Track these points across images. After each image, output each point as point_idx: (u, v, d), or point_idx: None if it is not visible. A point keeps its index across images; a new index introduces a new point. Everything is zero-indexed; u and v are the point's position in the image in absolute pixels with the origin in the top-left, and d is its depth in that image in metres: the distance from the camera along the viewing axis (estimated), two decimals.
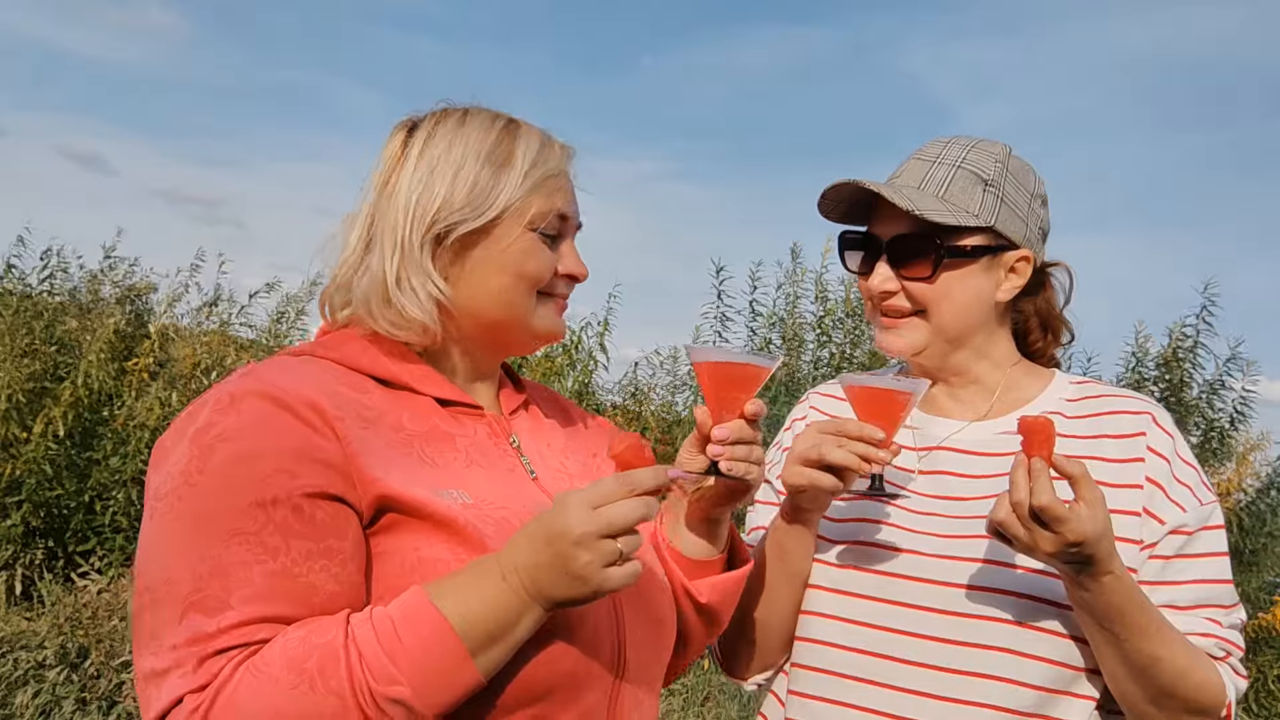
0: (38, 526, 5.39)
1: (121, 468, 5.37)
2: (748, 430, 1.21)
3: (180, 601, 0.96)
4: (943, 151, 1.41)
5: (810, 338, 6.03)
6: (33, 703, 3.82)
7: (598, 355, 5.98)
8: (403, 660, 0.93)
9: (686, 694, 4.93)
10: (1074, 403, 1.42)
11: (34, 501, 5.31)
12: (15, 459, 5.29)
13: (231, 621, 0.95)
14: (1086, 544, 1.12)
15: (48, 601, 4.81)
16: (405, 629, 0.95)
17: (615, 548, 0.98)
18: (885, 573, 1.34)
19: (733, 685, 5.04)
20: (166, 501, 1.00)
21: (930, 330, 1.38)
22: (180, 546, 0.98)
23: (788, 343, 5.96)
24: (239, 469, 1.00)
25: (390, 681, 0.92)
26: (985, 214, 1.35)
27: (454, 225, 1.16)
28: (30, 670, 3.98)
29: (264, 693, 0.92)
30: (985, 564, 1.30)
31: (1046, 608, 1.27)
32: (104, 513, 5.37)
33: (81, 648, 4.14)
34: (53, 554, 5.39)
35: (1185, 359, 5.53)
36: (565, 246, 1.25)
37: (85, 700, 3.93)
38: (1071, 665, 1.27)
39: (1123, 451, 1.34)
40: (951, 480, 1.39)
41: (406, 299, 1.15)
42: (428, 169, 1.17)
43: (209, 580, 0.96)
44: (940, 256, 1.34)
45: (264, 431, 1.02)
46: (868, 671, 1.32)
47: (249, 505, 0.98)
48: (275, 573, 0.97)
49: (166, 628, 0.96)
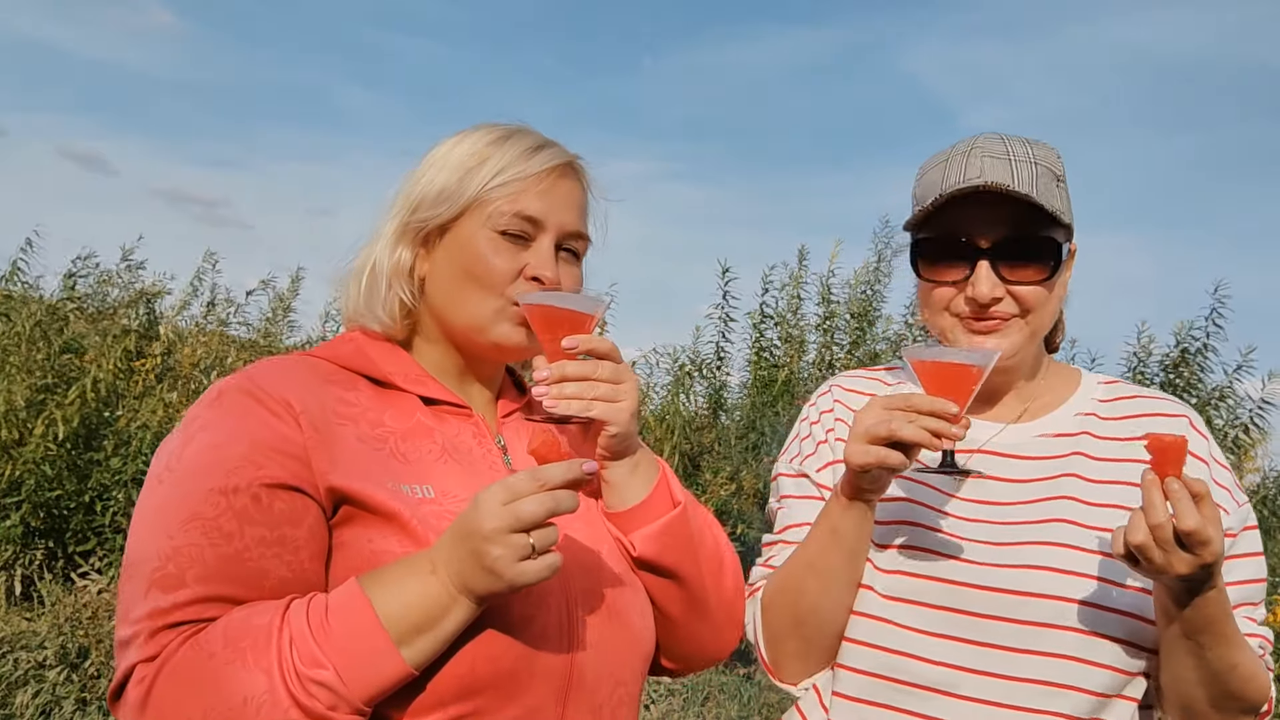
0: (38, 527, 5.38)
1: (122, 468, 5.37)
2: (573, 366, 1.18)
3: (146, 578, 1.02)
4: (1009, 148, 1.34)
5: (812, 339, 6.04)
6: (33, 703, 3.82)
7: None
8: (328, 645, 0.98)
9: (687, 694, 4.93)
10: (1107, 403, 1.41)
11: (34, 502, 5.31)
12: (15, 460, 5.29)
13: (185, 598, 1.00)
14: (1217, 563, 1.11)
15: (48, 602, 4.80)
16: (335, 616, 0.99)
17: (526, 542, 1.00)
18: (940, 579, 1.30)
19: (733, 685, 5.04)
20: (150, 484, 1.09)
21: (1029, 332, 1.34)
22: (152, 526, 1.05)
23: (789, 344, 5.96)
24: (210, 456, 1.07)
25: (315, 664, 0.97)
26: (1066, 211, 1.34)
27: (425, 221, 1.23)
28: (30, 670, 3.97)
29: (201, 665, 0.97)
30: (1050, 572, 1.27)
31: (1110, 615, 1.25)
32: (104, 513, 5.36)
33: (81, 648, 4.14)
34: (53, 554, 5.39)
35: (1193, 361, 5.52)
36: (535, 251, 1.22)
37: (85, 700, 3.93)
38: (1127, 670, 1.26)
39: None
40: (992, 484, 1.36)
41: (374, 290, 1.24)
42: (419, 170, 1.26)
43: (168, 559, 1.02)
44: (1060, 258, 1.32)
45: (237, 423, 1.09)
46: (922, 677, 1.28)
47: (211, 491, 1.04)
48: (228, 556, 1.03)
49: (134, 601, 1.02)
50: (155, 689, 0.98)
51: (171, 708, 0.97)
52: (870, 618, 1.33)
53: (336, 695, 0.97)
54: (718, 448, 5.66)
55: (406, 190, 1.25)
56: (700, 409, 6.04)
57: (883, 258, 6.09)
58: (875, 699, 1.31)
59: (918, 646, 1.29)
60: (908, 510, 1.36)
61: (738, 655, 5.49)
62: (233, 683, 0.96)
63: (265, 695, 0.95)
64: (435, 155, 1.26)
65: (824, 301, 5.97)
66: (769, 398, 5.74)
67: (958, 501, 1.35)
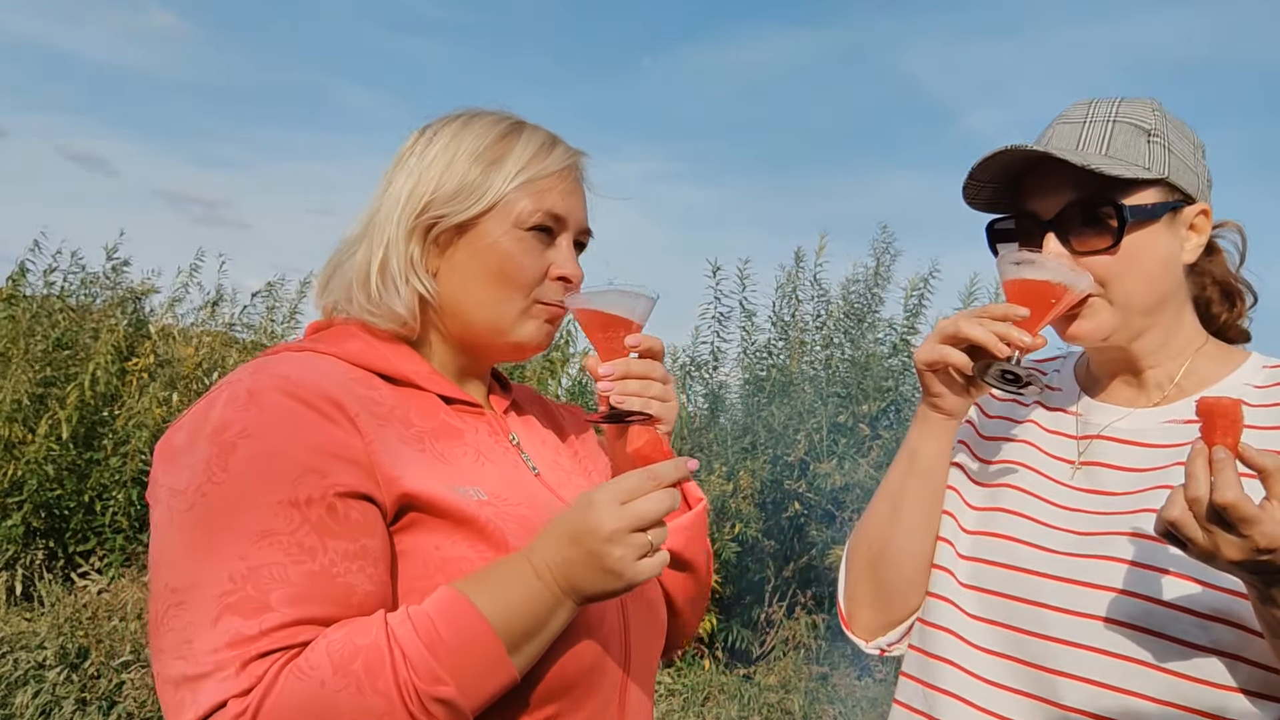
0: (38, 527, 5.39)
1: (121, 468, 5.37)
2: (635, 365, 1.21)
3: (213, 604, 0.93)
4: (1090, 111, 1.25)
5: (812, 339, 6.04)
6: (33, 703, 3.82)
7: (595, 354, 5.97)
8: (445, 659, 0.93)
9: (687, 694, 4.94)
10: (1263, 389, 1.23)
11: (35, 502, 5.31)
12: (18, 460, 5.29)
13: (273, 624, 0.93)
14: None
15: (48, 602, 4.81)
16: (445, 628, 0.95)
17: (646, 540, 0.99)
18: (1009, 566, 1.23)
19: (733, 685, 5.04)
20: (186, 499, 0.98)
21: (1117, 308, 1.21)
22: (208, 547, 0.95)
23: (789, 344, 5.96)
24: (265, 466, 0.98)
25: (436, 681, 0.92)
26: (1157, 166, 1.20)
27: (441, 217, 1.17)
28: (30, 670, 3.98)
29: (312, 695, 0.91)
30: (1114, 562, 1.16)
31: (1183, 616, 1.11)
32: (104, 513, 5.37)
33: (81, 648, 4.15)
34: (53, 554, 5.40)
35: None
36: (559, 249, 1.22)
37: (85, 700, 3.93)
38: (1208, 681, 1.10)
39: None
40: (1104, 473, 1.25)
41: (387, 287, 1.17)
42: (424, 164, 1.19)
43: (243, 582, 0.94)
44: (1123, 219, 1.17)
45: (287, 428, 1.01)
46: (995, 674, 1.22)
47: (280, 504, 0.97)
48: (314, 574, 0.96)
49: (200, 631, 0.93)
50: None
51: None
52: (941, 599, 1.30)
53: (456, 711, 0.94)
54: (715, 447, 5.67)
55: (410, 185, 1.19)
56: (700, 409, 6.05)
57: (881, 263, 6.09)
58: (913, 672, 1.29)
59: (963, 626, 1.26)
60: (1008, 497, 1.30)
61: (738, 655, 5.49)
62: (349, 711, 0.91)
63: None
64: (435, 149, 1.20)
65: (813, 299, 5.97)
66: (764, 398, 5.75)
67: (1066, 491, 1.26)
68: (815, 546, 5.41)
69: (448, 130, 1.21)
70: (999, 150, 1.21)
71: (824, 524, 5.55)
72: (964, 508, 1.33)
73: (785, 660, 5.19)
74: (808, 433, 5.32)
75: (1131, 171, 1.18)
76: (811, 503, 5.46)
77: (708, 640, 5.35)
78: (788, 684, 5.03)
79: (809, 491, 5.40)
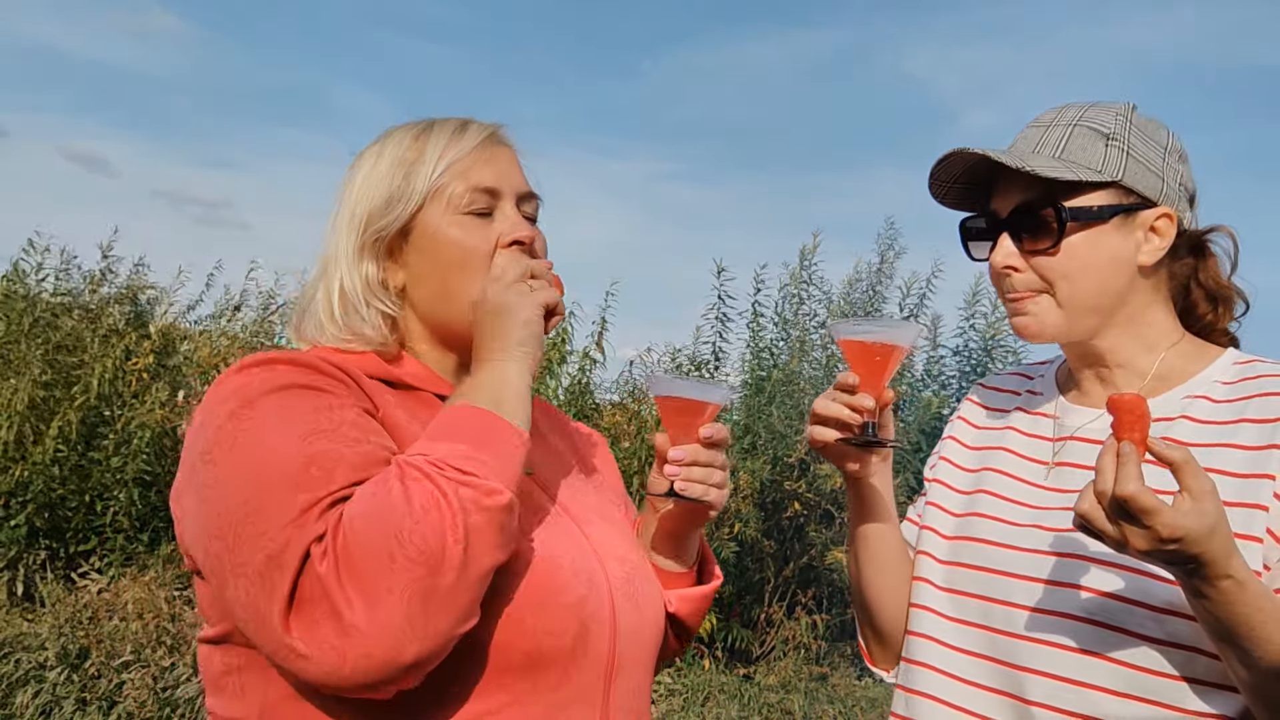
0: (41, 527, 5.40)
1: (123, 468, 5.38)
2: (704, 453, 1.24)
3: (284, 489, 0.97)
4: (1058, 115, 1.30)
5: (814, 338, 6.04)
6: (33, 703, 3.83)
7: (594, 354, 5.98)
8: (462, 438, 1.02)
9: (687, 694, 4.94)
10: (1229, 384, 1.24)
11: (38, 502, 5.32)
12: (25, 461, 5.30)
13: (341, 483, 0.98)
14: (1187, 541, 0.98)
15: (48, 602, 4.82)
16: (444, 428, 1.05)
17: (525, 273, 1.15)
18: (984, 568, 1.28)
19: (733, 685, 5.05)
20: (225, 434, 1.03)
21: (1063, 307, 1.25)
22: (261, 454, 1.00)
23: (790, 344, 5.97)
24: (293, 398, 1.05)
25: (464, 457, 1.00)
26: (1110, 169, 1.23)
27: (382, 229, 1.21)
28: (31, 671, 3.98)
29: (373, 506, 0.95)
30: (1076, 560, 1.19)
31: (1140, 610, 1.14)
32: (105, 513, 5.37)
33: (82, 648, 4.15)
34: (54, 554, 5.40)
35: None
36: (504, 217, 1.23)
37: (85, 701, 3.94)
38: (1163, 673, 1.13)
39: (1261, 437, 1.16)
40: (1075, 474, 1.27)
41: (349, 314, 1.21)
42: (354, 188, 1.24)
43: (306, 468, 0.98)
44: (1063, 220, 1.22)
45: (309, 380, 1.07)
46: (969, 673, 1.27)
47: (317, 410, 1.03)
48: (365, 454, 1.02)
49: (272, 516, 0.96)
50: (341, 542, 0.93)
51: (360, 549, 0.93)
52: (932, 612, 1.33)
53: (491, 469, 1.00)
54: None
55: (349, 212, 1.23)
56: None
57: (885, 259, 6.10)
58: (935, 694, 1.31)
59: (966, 640, 1.28)
60: (984, 502, 1.34)
61: (738, 655, 5.49)
62: (406, 503, 0.94)
63: (436, 496, 0.95)
64: (361, 172, 1.24)
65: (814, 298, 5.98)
66: (765, 398, 5.75)
67: (1042, 492, 1.30)
68: (815, 547, 5.41)
69: (369, 153, 1.26)
70: (950, 153, 1.27)
71: (824, 524, 5.55)
72: (945, 517, 1.38)
73: (785, 660, 5.20)
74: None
75: (1075, 174, 1.22)
76: (811, 503, 5.46)
77: (708, 640, 5.36)
78: (788, 684, 5.04)
79: (809, 492, 5.40)
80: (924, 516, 1.42)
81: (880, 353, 1.25)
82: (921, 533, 1.40)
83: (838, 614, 5.49)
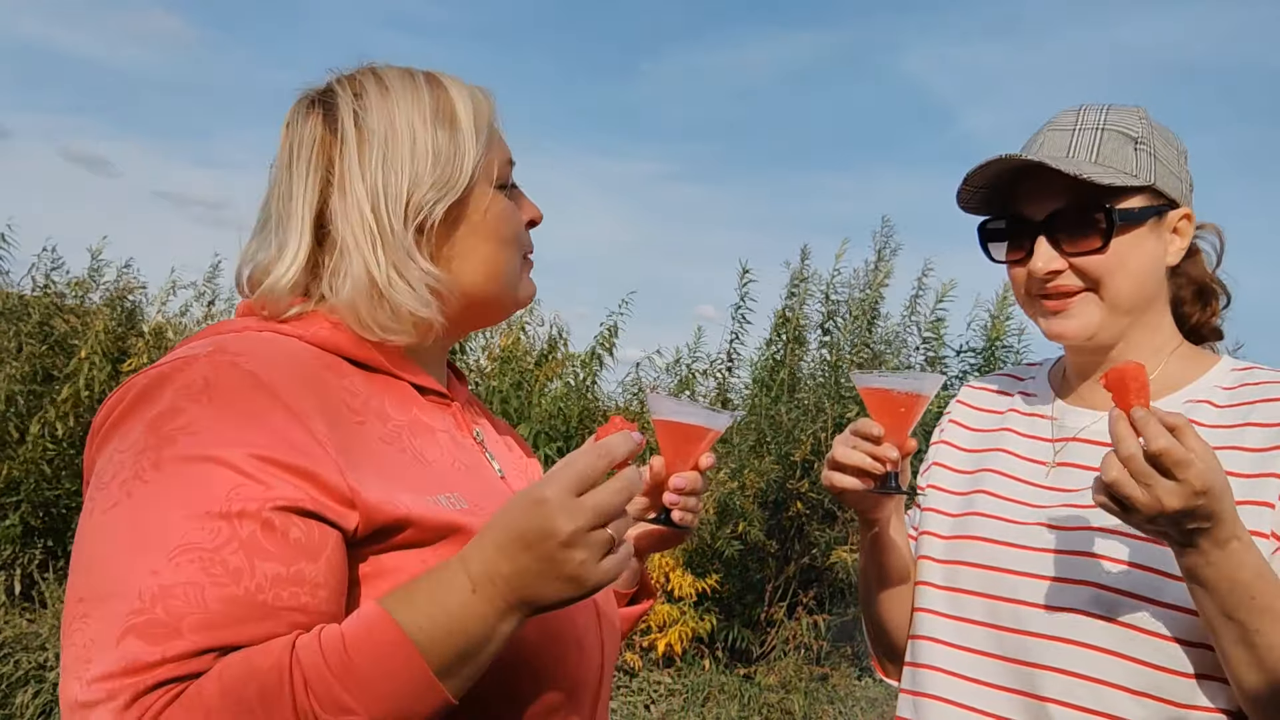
0: (37, 526, 5.39)
1: None
2: (700, 482, 1.22)
3: (118, 623, 0.81)
4: (1079, 118, 1.31)
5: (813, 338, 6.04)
6: (33, 703, 3.82)
7: (604, 357, 5.99)
8: (354, 685, 0.79)
9: (687, 694, 4.93)
10: (1230, 390, 1.28)
11: (33, 501, 5.31)
12: (12, 459, 5.29)
13: (177, 652, 0.80)
14: (1211, 495, 1.00)
15: (49, 602, 4.81)
16: (359, 650, 0.80)
17: (608, 536, 0.85)
18: (987, 566, 1.29)
19: (733, 685, 5.04)
20: (110, 494, 0.86)
21: (1105, 306, 1.26)
22: (123, 555, 0.83)
23: (790, 343, 5.96)
24: (201, 470, 0.85)
25: (341, 710, 0.79)
26: (1144, 173, 1.26)
27: (433, 205, 1.05)
28: (31, 671, 3.98)
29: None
30: (1085, 557, 1.21)
31: (1153, 608, 1.16)
32: None
33: None
34: (52, 554, 5.39)
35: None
36: (520, 194, 1.18)
37: None
38: (1178, 671, 1.15)
39: (1266, 440, 1.19)
40: (1078, 474, 1.29)
41: (401, 296, 1.03)
42: (379, 147, 1.04)
43: (154, 602, 0.81)
44: (1111, 223, 1.23)
45: (237, 426, 0.87)
46: (978, 671, 1.27)
47: (209, 515, 0.83)
48: (235, 599, 0.82)
49: (100, 651, 0.81)
50: None
51: None
52: (934, 613, 1.35)
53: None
54: (719, 446, 5.67)
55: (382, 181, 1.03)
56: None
57: (882, 257, 6.09)
58: (940, 694, 1.32)
59: (970, 639, 1.29)
60: (985, 503, 1.35)
61: (738, 655, 5.48)
62: None
63: None
64: (380, 128, 1.05)
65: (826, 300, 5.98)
66: (771, 397, 5.75)
67: (1043, 492, 1.31)
68: (817, 547, 5.40)
69: (371, 101, 1.06)
70: (994, 159, 1.27)
71: (826, 524, 5.54)
72: (941, 519, 1.39)
73: (786, 660, 5.19)
74: (814, 432, 5.32)
75: (1120, 179, 1.24)
76: (814, 503, 5.46)
77: (708, 640, 5.35)
78: (788, 684, 5.03)
79: (811, 491, 5.40)
80: (920, 523, 1.43)
81: (905, 403, 1.25)
82: (919, 538, 1.41)
83: (839, 614, 5.49)
